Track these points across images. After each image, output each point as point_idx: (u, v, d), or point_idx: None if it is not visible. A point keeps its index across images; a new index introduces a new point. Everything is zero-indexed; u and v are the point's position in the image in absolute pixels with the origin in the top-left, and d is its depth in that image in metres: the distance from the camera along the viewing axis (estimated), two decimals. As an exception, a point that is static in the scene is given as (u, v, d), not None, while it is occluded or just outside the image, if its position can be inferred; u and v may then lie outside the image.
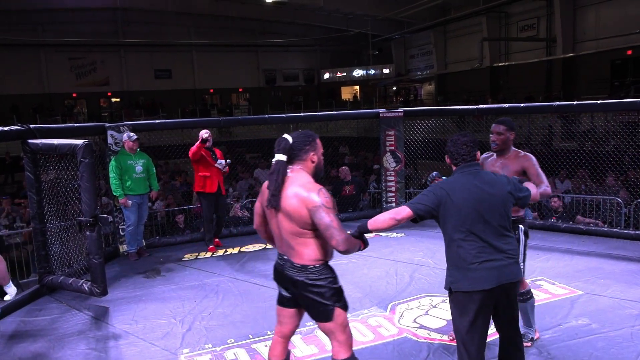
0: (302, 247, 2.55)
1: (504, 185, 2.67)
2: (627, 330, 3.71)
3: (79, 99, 28.13)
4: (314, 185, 2.52)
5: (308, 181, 2.55)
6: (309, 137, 2.64)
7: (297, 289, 2.60)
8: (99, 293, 4.57)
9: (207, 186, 6.19)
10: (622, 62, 18.26)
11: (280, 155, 2.57)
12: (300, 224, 2.50)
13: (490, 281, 2.56)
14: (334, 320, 2.60)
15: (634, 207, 6.86)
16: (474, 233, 2.57)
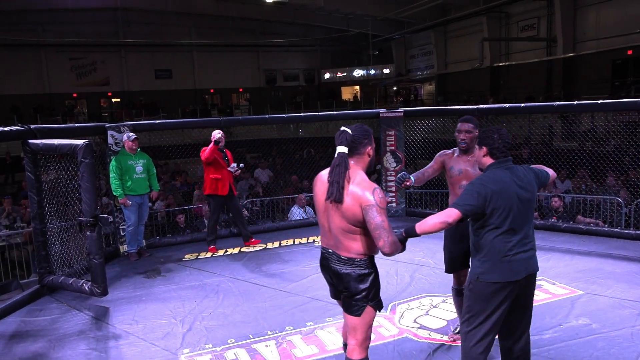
0: (351, 242, 2.58)
1: (532, 179, 2.76)
2: (628, 330, 3.71)
3: (79, 99, 28.14)
4: (370, 184, 2.52)
5: (363, 179, 2.55)
6: (367, 131, 2.65)
7: (341, 281, 2.64)
8: (100, 293, 4.57)
9: (219, 189, 6.14)
10: (622, 62, 18.25)
11: (343, 148, 2.57)
12: (352, 221, 2.53)
13: (521, 272, 2.66)
14: (362, 317, 2.63)
15: (635, 207, 6.85)
16: (514, 227, 2.64)
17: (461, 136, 3.44)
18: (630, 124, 9.08)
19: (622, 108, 7.72)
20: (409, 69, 30.70)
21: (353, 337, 2.67)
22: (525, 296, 2.77)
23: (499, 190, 2.63)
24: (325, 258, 2.72)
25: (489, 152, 2.76)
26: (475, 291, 2.71)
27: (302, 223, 7.61)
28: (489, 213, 2.63)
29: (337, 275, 2.65)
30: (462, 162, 3.48)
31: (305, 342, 3.76)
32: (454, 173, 3.49)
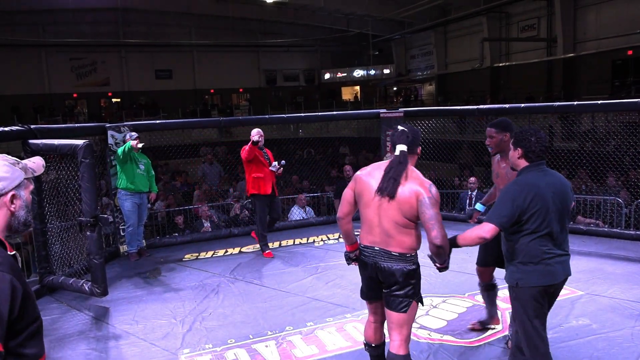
0: (404, 236, 2.64)
1: (565, 183, 2.75)
2: (628, 331, 3.71)
3: (79, 99, 28.15)
4: (425, 180, 2.66)
5: (419, 175, 2.68)
6: (418, 132, 2.80)
7: (390, 278, 2.66)
8: (100, 293, 4.57)
9: (262, 188, 5.91)
10: (622, 62, 18.25)
11: (403, 147, 2.69)
12: (408, 215, 2.60)
13: (559, 275, 2.68)
14: (409, 312, 2.68)
15: (635, 207, 6.85)
16: (551, 231, 2.63)
17: (486, 141, 3.46)
18: (631, 124, 9.08)
19: (622, 108, 7.71)
20: (409, 69, 30.70)
21: (399, 333, 2.71)
22: (555, 297, 2.82)
23: (534, 195, 2.59)
24: (369, 256, 2.72)
25: (524, 155, 2.71)
26: (519, 298, 2.70)
27: (302, 223, 7.61)
28: (525, 219, 2.61)
29: (386, 273, 2.66)
30: (498, 166, 3.48)
31: (305, 343, 3.76)
32: (494, 177, 3.55)
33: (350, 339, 3.78)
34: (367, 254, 2.73)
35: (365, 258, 2.74)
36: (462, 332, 3.82)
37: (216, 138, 16.80)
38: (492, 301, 3.81)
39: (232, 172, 10.87)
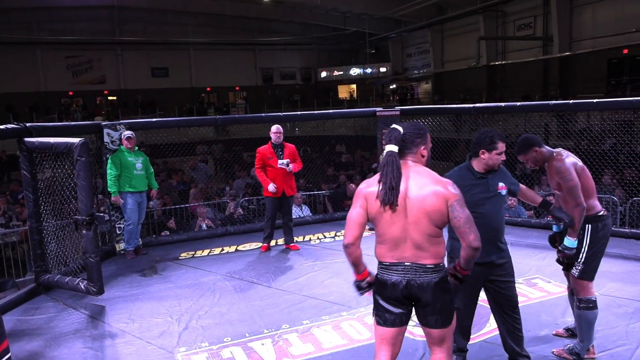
0: (437, 246, 2.40)
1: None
2: (622, 328, 3.73)
3: (75, 97, 28.04)
4: (445, 179, 2.42)
5: (434, 173, 2.43)
6: (421, 129, 2.52)
7: (429, 292, 2.38)
8: (96, 292, 4.56)
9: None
10: (618, 61, 18.32)
11: (392, 146, 2.43)
12: (439, 223, 2.37)
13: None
14: (452, 323, 2.48)
15: (630, 205, 6.88)
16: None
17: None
18: (626, 122, 9.12)
19: (617, 107, 7.76)
20: (405, 68, 30.72)
21: (443, 347, 2.49)
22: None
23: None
24: (399, 273, 2.42)
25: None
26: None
27: (298, 221, 7.60)
28: None
29: (424, 289, 2.38)
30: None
31: (301, 341, 3.76)
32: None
33: (347, 337, 3.79)
34: (396, 271, 2.43)
35: (392, 276, 2.43)
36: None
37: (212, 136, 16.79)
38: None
39: (229, 170, 10.86)
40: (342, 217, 7.73)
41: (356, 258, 2.50)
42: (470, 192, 2.96)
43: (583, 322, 3.27)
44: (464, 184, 2.89)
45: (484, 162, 3.05)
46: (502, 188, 3.09)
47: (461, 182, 2.80)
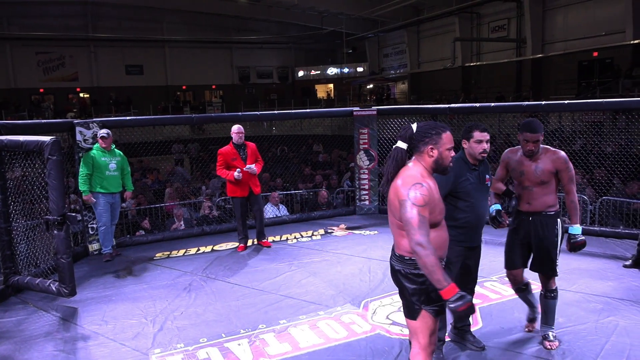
0: (400, 238, 2.51)
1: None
2: (592, 324, 3.83)
3: (46, 94, 27.42)
4: (413, 179, 2.43)
5: (410, 175, 2.46)
6: (433, 129, 2.52)
7: (395, 278, 2.61)
8: (68, 293, 4.47)
9: (238, 191, 6.08)
10: (588, 63, 18.78)
11: (401, 143, 2.54)
12: (397, 216, 2.47)
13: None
14: (419, 320, 2.53)
15: (599, 204, 7.06)
16: None
17: (531, 147, 3.38)
18: (596, 124, 9.35)
19: (588, 108, 7.94)
20: (382, 68, 30.93)
21: (416, 340, 2.58)
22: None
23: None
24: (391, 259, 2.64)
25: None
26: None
27: (275, 221, 7.59)
28: None
29: (392, 271, 2.61)
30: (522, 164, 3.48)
31: (278, 340, 3.75)
32: (516, 175, 3.51)
33: (323, 336, 3.79)
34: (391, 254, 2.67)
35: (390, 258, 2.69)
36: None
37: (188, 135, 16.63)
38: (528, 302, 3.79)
39: (205, 169, 10.76)
40: (320, 217, 7.75)
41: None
42: (466, 182, 3.18)
43: (551, 309, 3.55)
44: (462, 175, 3.15)
45: (467, 152, 3.25)
46: (488, 180, 3.33)
47: (460, 173, 3.11)
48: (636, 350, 3.40)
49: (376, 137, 7.87)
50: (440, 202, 2.52)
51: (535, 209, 3.47)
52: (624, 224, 6.70)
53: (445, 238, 2.56)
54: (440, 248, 2.52)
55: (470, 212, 3.21)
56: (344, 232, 6.90)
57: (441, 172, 2.58)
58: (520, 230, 3.54)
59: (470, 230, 3.26)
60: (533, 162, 3.43)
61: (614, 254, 5.56)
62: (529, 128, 3.34)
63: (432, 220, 2.44)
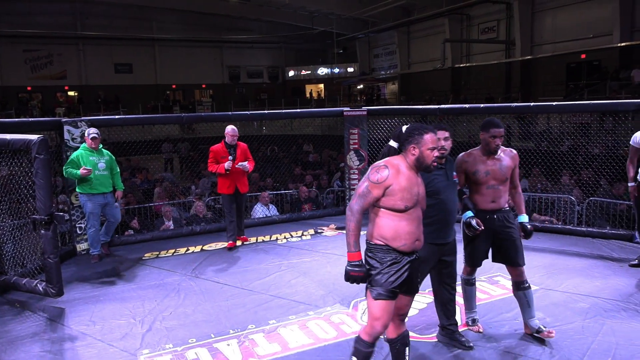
0: (369, 223, 2.81)
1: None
2: (579, 323, 3.86)
3: (34, 92, 27.13)
4: (382, 162, 2.75)
5: (388, 160, 2.79)
6: (417, 130, 2.78)
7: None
8: (55, 294, 4.43)
9: (225, 188, 6.21)
10: (576, 65, 18.96)
11: (392, 142, 2.98)
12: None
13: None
14: (367, 299, 2.78)
15: (586, 205, 7.13)
16: None
17: (497, 141, 3.50)
18: (583, 125, 9.45)
19: (575, 110, 8.03)
20: (372, 68, 31.01)
21: (367, 315, 2.81)
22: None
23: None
24: None
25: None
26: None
27: (265, 221, 7.57)
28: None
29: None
30: (486, 165, 3.56)
31: (267, 340, 3.75)
32: (482, 176, 3.56)
33: (313, 336, 3.79)
34: None
35: None
36: (422, 327, 3.90)
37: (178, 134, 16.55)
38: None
39: (194, 169, 10.72)
40: (310, 217, 7.75)
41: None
42: (434, 181, 3.32)
43: (531, 298, 3.67)
44: (429, 174, 3.20)
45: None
46: (456, 177, 3.50)
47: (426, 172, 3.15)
48: (622, 349, 3.44)
49: (366, 137, 7.89)
50: (408, 194, 2.69)
51: (500, 206, 3.59)
52: (610, 225, 6.78)
53: (408, 230, 2.71)
54: (400, 237, 2.71)
55: (440, 209, 3.33)
56: (334, 232, 6.91)
57: (424, 170, 2.79)
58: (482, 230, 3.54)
59: (441, 226, 3.36)
60: (497, 161, 3.56)
61: (600, 254, 5.62)
62: (495, 124, 3.50)
63: (390, 205, 2.70)
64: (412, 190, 2.70)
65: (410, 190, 2.69)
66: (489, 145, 3.53)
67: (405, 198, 2.68)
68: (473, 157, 3.62)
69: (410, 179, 2.72)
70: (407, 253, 2.73)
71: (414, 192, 2.71)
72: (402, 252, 2.72)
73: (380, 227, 2.73)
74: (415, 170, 2.77)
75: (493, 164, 3.55)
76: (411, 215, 2.71)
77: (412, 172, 2.75)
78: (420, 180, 2.81)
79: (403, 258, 2.72)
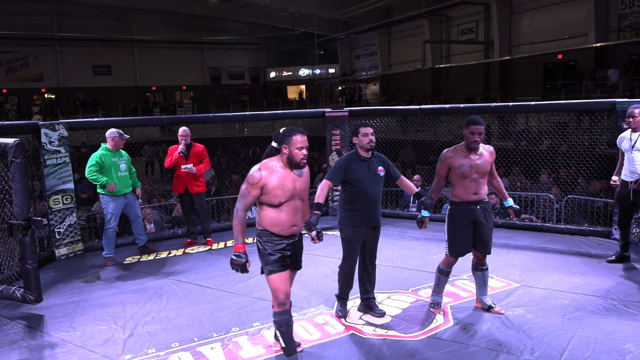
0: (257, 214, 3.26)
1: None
2: (559, 319, 3.93)
3: (9, 95, 26.58)
4: (258, 166, 3.16)
5: (263, 162, 3.20)
6: (288, 132, 3.18)
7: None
8: (33, 300, 4.35)
9: (176, 187, 6.45)
10: (553, 65, 19.26)
11: (273, 143, 3.50)
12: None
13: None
14: (266, 279, 3.28)
15: (565, 202, 7.26)
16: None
17: (477, 137, 3.81)
18: (561, 124, 9.62)
19: (553, 109, 8.16)
20: (354, 69, 31.09)
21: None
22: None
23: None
24: None
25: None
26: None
27: (248, 223, 7.51)
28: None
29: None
30: (470, 160, 3.87)
31: (251, 343, 3.73)
32: (466, 170, 3.86)
33: (297, 337, 3.78)
34: None
35: None
36: (406, 326, 3.92)
37: (158, 137, 16.38)
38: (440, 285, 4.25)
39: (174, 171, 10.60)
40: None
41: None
42: (356, 171, 3.87)
43: (487, 278, 4.14)
44: (351, 166, 3.88)
45: (358, 145, 3.95)
46: (380, 170, 3.95)
47: (349, 165, 3.88)
48: (601, 344, 3.51)
49: (348, 138, 7.90)
50: (281, 191, 3.12)
51: (481, 197, 3.91)
52: (588, 222, 6.90)
53: (284, 219, 3.17)
54: (277, 225, 3.18)
55: (361, 197, 3.87)
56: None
57: (295, 167, 3.17)
58: (465, 220, 3.91)
59: (364, 212, 3.88)
60: (479, 156, 3.88)
61: (579, 251, 5.73)
62: (476, 121, 3.81)
63: (267, 201, 3.16)
64: (285, 187, 3.13)
65: (283, 187, 3.12)
66: (468, 141, 3.83)
67: (278, 195, 3.12)
68: (457, 153, 3.90)
69: (284, 177, 3.14)
70: (285, 237, 3.21)
71: (288, 188, 3.14)
72: (281, 236, 3.20)
73: (262, 217, 3.20)
74: (290, 168, 3.17)
75: (476, 159, 3.86)
76: (287, 207, 3.16)
77: (287, 170, 3.17)
78: (297, 177, 3.19)
79: (283, 240, 3.20)
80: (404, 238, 6.43)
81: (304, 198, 3.29)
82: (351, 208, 3.90)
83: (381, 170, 3.95)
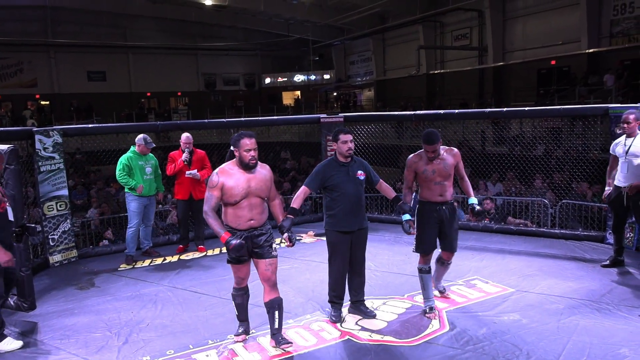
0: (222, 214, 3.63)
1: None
2: (554, 324, 3.94)
3: (3, 101, 26.45)
4: (216, 170, 3.55)
5: (221, 167, 3.58)
6: (238, 137, 3.53)
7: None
8: (27, 307, 4.32)
9: (180, 194, 6.41)
10: (547, 71, 19.40)
11: (232, 147, 3.55)
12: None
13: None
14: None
15: (559, 207, 7.29)
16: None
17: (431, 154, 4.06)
18: (554, 129, 9.67)
19: (547, 115, 8.20)
20: (349, 75, 31.17)
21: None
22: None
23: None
24: None
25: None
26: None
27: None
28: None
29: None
30: (433, 165, 4.12)
31: (247, 350, 3.72)
32: (429, 174, 4.11)
33: (293, 344, 3.77)
34: None
35: None
36: (402, 332, 3.92)
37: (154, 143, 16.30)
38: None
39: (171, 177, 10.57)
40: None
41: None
42: (334, 177, 3.98)
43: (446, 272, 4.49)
44: (330, 172, 3.98)
45: (337, 151, 4.04)
46: (360, 174, 4.03)
47: (328, 171, 3.98)
48: (596, 348, 3.52)
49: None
50: (237, 190, 3.46)
51: (446, 199, 4.15)
52: (582, 227, 6.93)
53: (241, 215, 3.52)
54: (235, 220, 3.53)
55: (341, 202, 3.97)
56: (312, 239, 6.90)
57: (245, 167, 3.50)
58: (432, 219, 4.15)
59: (345, 216, 3.97)
60: (442, 161, 4.12)
61: (574, 256, 5.75)
62: (425, 141, 4.03)
63: (226, 200, 3.51)
64: (239, 187, 3.46)
65: (237, 187, 3.46)
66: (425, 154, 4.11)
67: (234, 194, 3.46)
68: (421, 158, 4.16)
69: (238, 178, 3.48)
70: (244, 230, 3.53)
71: (242, 187, 3.47)
72: (240, 230, 3.53)
73: (224, 214, 3.57)
74: (244, 169, 3.50)
75: (438, 163, 4.11)
76: (243, 204, 3.49)
77: (242, 171, 3.51)
78: (252, 176, 3.50)
79: (242, 233, 3.52)
80: (400, 243, 6.43)
81: (262, 195, 3.58)
82: (333, 213, 4.02)
83: (361, 174, 4.03)
